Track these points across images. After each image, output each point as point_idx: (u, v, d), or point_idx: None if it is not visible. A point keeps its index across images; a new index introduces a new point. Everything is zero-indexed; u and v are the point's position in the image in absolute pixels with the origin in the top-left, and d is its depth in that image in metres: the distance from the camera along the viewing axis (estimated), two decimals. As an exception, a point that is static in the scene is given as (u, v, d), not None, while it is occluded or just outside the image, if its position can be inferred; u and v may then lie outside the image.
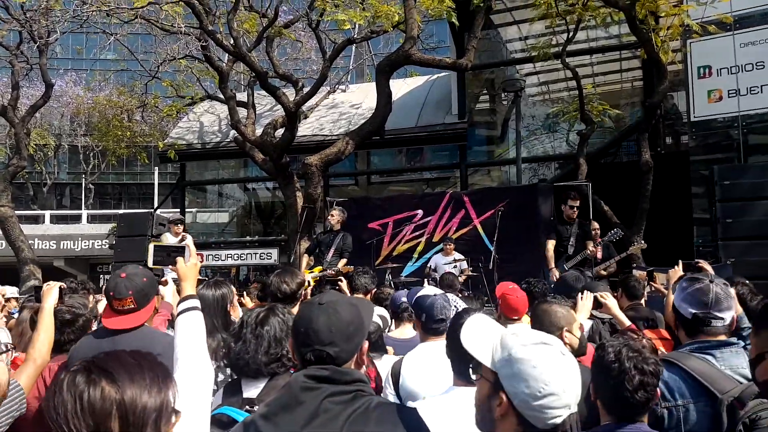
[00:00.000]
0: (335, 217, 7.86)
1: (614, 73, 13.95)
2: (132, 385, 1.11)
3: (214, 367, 2.16)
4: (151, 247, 2.56)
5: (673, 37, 8.83)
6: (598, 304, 3.49)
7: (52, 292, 3.11)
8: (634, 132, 10.47)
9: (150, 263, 2.62)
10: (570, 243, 7.31)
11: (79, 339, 2.85)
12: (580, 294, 3.48)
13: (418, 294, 3.13)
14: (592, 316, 3.52)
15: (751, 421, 1.81)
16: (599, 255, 7.65)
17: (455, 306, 3.06)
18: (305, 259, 8.11)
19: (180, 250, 2.39)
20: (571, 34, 9.91)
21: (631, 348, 1.93)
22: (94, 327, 3.23)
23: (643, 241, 8.11)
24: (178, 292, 2.44)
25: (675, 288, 2.48)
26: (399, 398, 2.71)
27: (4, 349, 1.66)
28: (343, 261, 7.65)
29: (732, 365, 2.15)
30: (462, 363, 2.20)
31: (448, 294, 3.28)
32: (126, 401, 1.09)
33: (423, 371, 2.71)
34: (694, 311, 2.24)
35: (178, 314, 2.04)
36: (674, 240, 8.83)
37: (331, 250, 7.77)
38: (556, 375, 1.31)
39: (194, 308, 2.05)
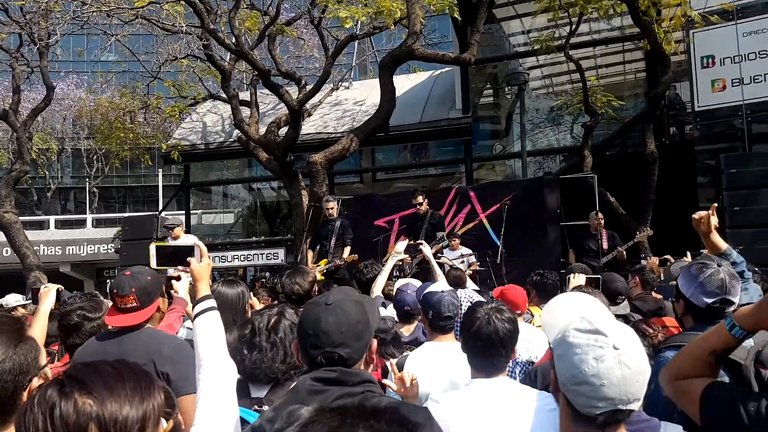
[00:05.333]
0: (334, 208, 7.92)
1: (617, 65, 13.87)
2: (111, 396, 1.01)
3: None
4: (153, 248, 2.37)
5: (676, 27, 8.78)
6: (613, 300, 3.52)
7: (49, 295, 3.04)
8: (639, 123, 10.42)
9: (153, 265, 2.41)
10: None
11: None
12: (570, 276, 3.63)
13: (426, 290, 3.10)
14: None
15: None
16: (605, 245, 7.76)
17: (469, 302, 3.02)
18: (310, 254, 8.13)
19: (189, 250, 2.20)
20: (573, 26, 9.88)
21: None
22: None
23: (649, 229, 8.13)
24: (191, 291, 2.34)
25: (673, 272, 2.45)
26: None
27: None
28: (347, 250, 7.65)
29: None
30: (477, 356, 2.19)
31: (462, 290, 3.24)
32: (104, 414, 1.00)
33: (427, 370, 2.66)
34: (709, 301, 2.17)
35: (196, 315, 1.99)
36: (681, 230, 8.79)
37: (333, 240, 7.79)
38: (596, 366, 1.31)
39: (211, 308, 2.00)
